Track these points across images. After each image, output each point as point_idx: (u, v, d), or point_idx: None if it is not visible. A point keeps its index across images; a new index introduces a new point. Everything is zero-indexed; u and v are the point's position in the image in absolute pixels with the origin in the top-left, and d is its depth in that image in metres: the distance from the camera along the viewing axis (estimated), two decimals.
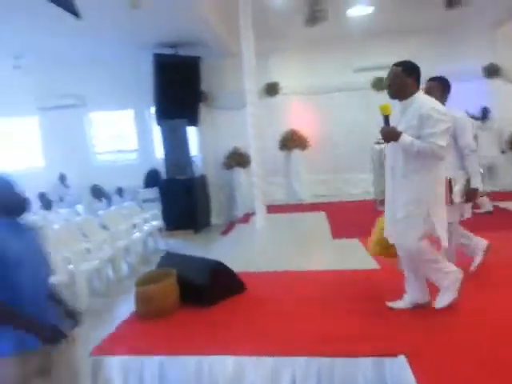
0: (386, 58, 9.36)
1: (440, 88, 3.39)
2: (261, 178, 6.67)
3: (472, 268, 3.43)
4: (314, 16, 7.65)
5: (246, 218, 7.87)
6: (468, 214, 3.42)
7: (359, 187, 9.53)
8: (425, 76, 9.11)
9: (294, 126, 9.58)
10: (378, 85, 9.73)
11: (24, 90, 9.80)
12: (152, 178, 9.59)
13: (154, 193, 8.84)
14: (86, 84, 9.88)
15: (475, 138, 7.79)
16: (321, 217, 6.97)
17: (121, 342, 2.70)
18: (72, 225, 5.67)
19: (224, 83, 9.55)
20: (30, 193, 8.07)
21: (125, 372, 2.49)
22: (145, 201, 8.82)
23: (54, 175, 9.53)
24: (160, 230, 7.67)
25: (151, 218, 7.57)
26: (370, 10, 8.01)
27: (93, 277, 5.32)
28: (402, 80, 2.74)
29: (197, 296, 3.12)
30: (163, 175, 9.07)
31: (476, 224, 5.07)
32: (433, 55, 9.44)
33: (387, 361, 2.27)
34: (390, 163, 2.81)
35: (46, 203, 6.89)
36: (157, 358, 2.49)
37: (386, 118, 2.71)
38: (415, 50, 9.42)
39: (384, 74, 10.44)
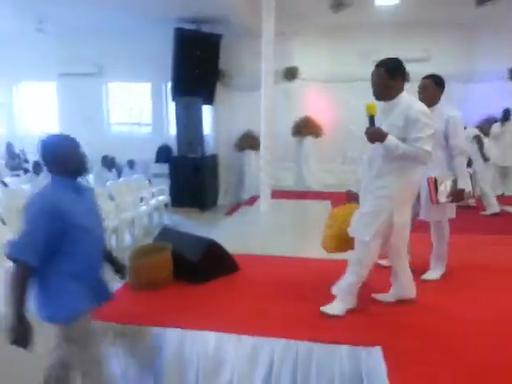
0: (409, 52, 9.35)
1: (433, 86, 3.37)
2: (269, 163, 6.67)
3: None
4: (340, 2, 7.52)
5: (252, 200, 7.90)
6: (452, 215, 3.37)
7: None
8: (450, 73, 8.89)
9: (310, 113, 9.50)
10: None
11: (45, 55, 9.88)
12: (164, 154, 9.66)
13: (164, 168, 8.92)
14: (106, 54, 9.90)
15: (495, 138, 7.63)
16: (326, 206, 6.95)
17: (106, 309, 2.78)
18: None
19: (243, 63, 9.46)
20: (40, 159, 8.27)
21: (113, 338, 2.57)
22: (155, 175, 8.91)
23: None
24: (166, 205, 7.77)
25: (159, 193, 7.66)
26: (398, 0, 7.81)
27: None
28: (386, 82, 2.65)
29: (189, 272, 3.19)
30: (175, 152, 9.13)
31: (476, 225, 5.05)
32: (458, 52, 9.24)
33: (363, 351, 2.30)
34: (368, 161, 2.77)
35: None
36: (138, 328, 2.57)
37: (372, 118, 2.63)
38: (440, 45, 9.23)
39: (407, 66, 10.27)
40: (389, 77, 2.63)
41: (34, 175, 7.16)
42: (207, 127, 9.68)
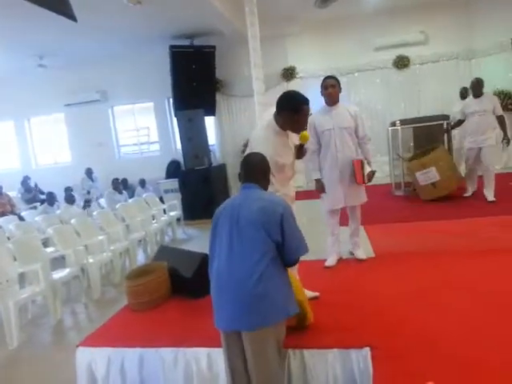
0: (408, 35, 9.18)
1: (339, 86, 3.73)
2: None
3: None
4: None
5: None
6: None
7: (380, 170, 9.28)
8: (452, 52, 8.65)
9: (313, 110, 9.42)
10: (399, 63, 9.40)
11: (49, 88, 10.22)
12: (173, 169, 9.80)
13: (174, 184, 9.03)
14: (107, 79, 10.19)
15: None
16: None
17: (107, 334, 2.84)
18: (88, 218, 5.92)
19: (239, 70, 9.54)
20: (59, 187, 8.51)
21: (107, 363, 2.62)
22: (165, 191, 9.03)
23: (81, 169, 9.95)
24: (179, 219, 7.85)
25: (170, 209, 7.76)
26: None
27: (108, 268, 5.58)
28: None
29: (185, 288, 3.21)
30: (183, 166, 9.23)
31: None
32: (457, 30, 9.01)
33: (353, 353, 2.26)
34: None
35: (69, 197, 7.20)
36: (137, 350, 2.60)
37: (302, 146, 2.83)
38: (438, 26, 9.02)
39: (407, 51, 10.14)
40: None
41: (48, 206, 7.38)
42: (212, 138, 9.77)
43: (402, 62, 9.40)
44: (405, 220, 5.39)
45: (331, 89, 3.64)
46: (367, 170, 3.75)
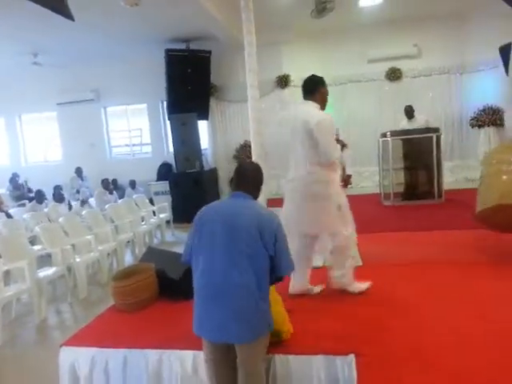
0: (402, 48, 9.32)
1: None
2: (265, 172, 6.67)
3: None
4: (322, 7, 7.54)
5: None
6: None
7: (371, 180, 9.38)
8: (444, 66, 8.80)
9: None
10: (392, 75, 9.53)
11: (43, 86, 10.16)
12: (164, 172, 9.79)
13: (165, 186, 9.01)
14: (102, 79, 10.17)
15: None
16: None
17: (91, 333, 2.82)
18: (76, 217, 5.89)
19: (234, 76, 9.58)
20: (48, 185, 8.44)
21: (91, 364, 2.60)
22: (156, 193, 9.01)
23: (71, 168, 9.88)
24: (168, 222, 7.84)
25: (160, 211, 7.74)
26: None
27: (95, 268, 5.55)
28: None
29: (172, 290, 3.21)
30: (174, 169, 9.23)
31: None
32: (449, 45, 9.17)
33: (338, 359, 2.28)
34: None
35: (58, 195, 7.15)
36: (122, 351, 2.59)
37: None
38: (431, 39, 9.18)
39: (400, 64, 10.27)
40: None
41: (36, 204, 7.31)
42: (205, 142, 9.78)
43: (394, 75, 9.53)
44: (393, 229, 5.45)
45: None
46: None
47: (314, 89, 3.07)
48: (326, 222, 3.02)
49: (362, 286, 3.14)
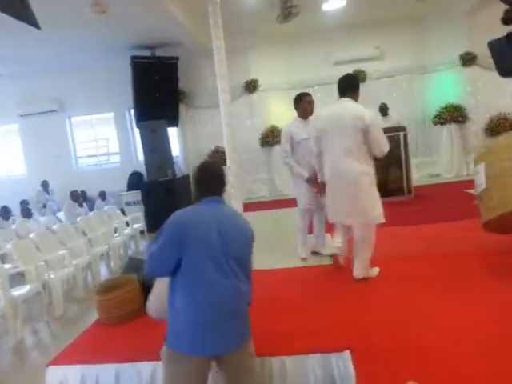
0: (365, 50, 9.57)
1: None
2: (238, 177, 6.66)
3: None
4: (287, 12, 7.64)
5: None
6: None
7: None
8: (406, 67, 9.10)
9: (275, 122, 9.58)
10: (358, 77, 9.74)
11: (2, 98, 9.77)
12: (135, 181, 9.60)
13: (137, 195, 8.84)
14: (65, 89, 9.90)
15: None
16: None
17: (78, 350, 2.73)
18: (48, 232, 5.67)
19: (203, 82, 9.55)
20: (13, 200, 8.09)
21: (81, 381, 2.51)
22: (127, 204, 8.82)
23: (36, 182, 9.53)
24: (142, 232, 7.68)
25: (133, 221, 7.57)
26: (343, 2, 8.00)
27: (70, 284, 5.35)
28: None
29: None
30: (145, 177, 9.07)
31: None
32: (410, 46, 9.51)
33: (333, 357, 2.30)
34: None
35: (26, 211, 6.87)
36: (112, 366, 2.51)
37: None
38: (393, 41, 9.49)
39: (364, 66, 10.50)
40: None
41: (3, 221, 7.00)
42: (176, 149, 9.68)
43: (359, 77, 9.76)
44: (388, 224, 5.47)
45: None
46: None
47: (355, 87, 3.37)
48: (368, 210, 3.26)
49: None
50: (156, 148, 8.65)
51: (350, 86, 3.36)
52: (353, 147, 3.18)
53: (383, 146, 3.17)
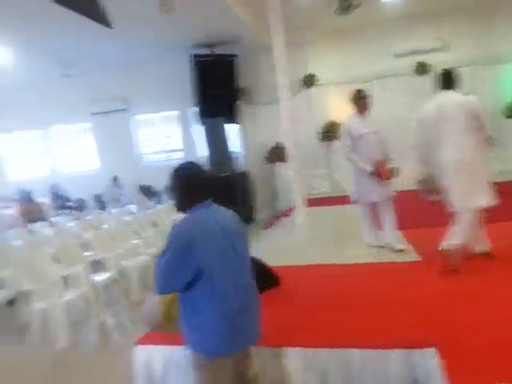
0: (426, 42, 9.22)
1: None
2: (299, 172, 6.71)
3: None
4: (348, 4, 7.55)
5: (289, 211, 7.96)
6: None
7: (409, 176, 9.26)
8: (471, 58, 8.66)
9: (333, 117, 9.51)
10: (420, 69, 9.43)
11: (72, 97, 10.46)
12: None
13: None
14: (130, 88, 10.39)
15: None
16: None
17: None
18: (123, 223, 6.08)
19: (261, 78, 9.66)
20: (88, 194, 8.67)
21: (165, 361, 2.71)
22: None
23: (108, 176, 10.15)
24: None
25: None
26: None
27: (145, 271, 5.70)
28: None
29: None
30: None
31: None
32: (476, 36, 9.05)
33: (417, 353, 2.28)
34: None
35: (101, 204, 7.39)
36: None
37: None
38: (456, 32, 9.07)
39: (425, 58, 10.09)
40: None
41: (78, 212, 7.56)
42: (236, 145, 9.90)
43: (422, 69, 9.43)
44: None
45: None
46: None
47: (457, 80, 3.67)
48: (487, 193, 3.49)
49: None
50: (215, 145, 8.91)
51: (454, 78, 3.67)
52: (468, 133, 3.43)
53: (488, 131, 3.50)
